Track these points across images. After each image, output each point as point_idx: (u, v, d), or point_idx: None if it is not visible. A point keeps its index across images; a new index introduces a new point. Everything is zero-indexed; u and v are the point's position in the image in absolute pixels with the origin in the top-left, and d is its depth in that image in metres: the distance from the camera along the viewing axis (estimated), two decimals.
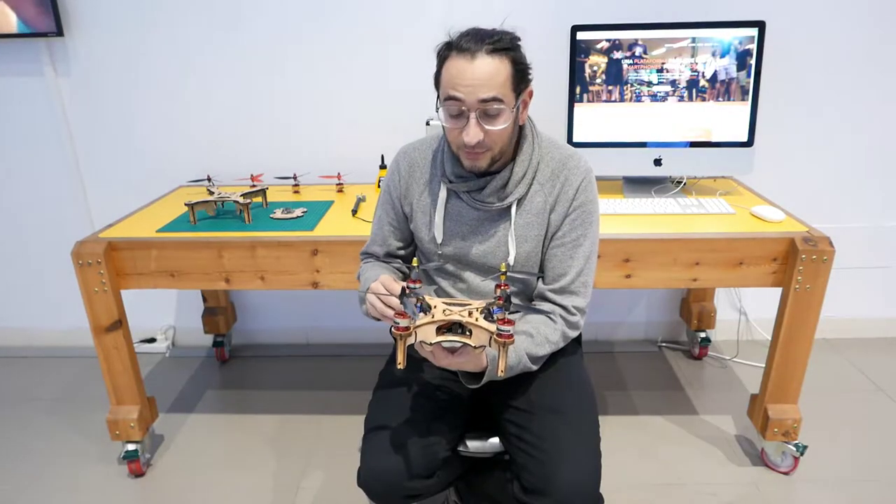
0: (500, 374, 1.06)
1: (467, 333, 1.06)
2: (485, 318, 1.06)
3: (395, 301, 1.12)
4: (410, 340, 1.06)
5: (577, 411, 1.27)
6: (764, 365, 1.77)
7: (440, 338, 1.05)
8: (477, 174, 1.26)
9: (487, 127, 1.15)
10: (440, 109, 1.18)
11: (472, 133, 1.14)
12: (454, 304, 1.11)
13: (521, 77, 1.17)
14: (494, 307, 1.05)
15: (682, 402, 2.14)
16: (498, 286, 1.06)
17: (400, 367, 1.06)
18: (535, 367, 1.26)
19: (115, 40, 2.15)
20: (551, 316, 1.27)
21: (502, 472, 1.35)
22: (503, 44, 1.13)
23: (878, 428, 1.99)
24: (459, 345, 1.07)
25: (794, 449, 1.76)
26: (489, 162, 1.21)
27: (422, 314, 1.08)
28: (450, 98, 1.14)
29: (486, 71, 1.11)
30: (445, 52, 1.15)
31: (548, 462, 1.17)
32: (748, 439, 1.95)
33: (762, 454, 1.86)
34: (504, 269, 1.07)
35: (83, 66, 2.18)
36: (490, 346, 1.05)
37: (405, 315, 1.04)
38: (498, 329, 1.03)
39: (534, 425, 1.23)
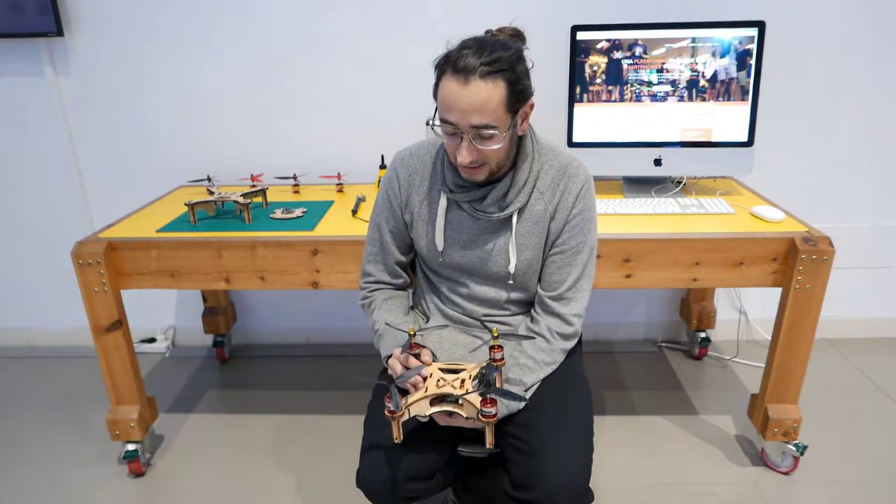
0: (488, 446, 1.13)
1: (460, 402, 1.14)
2: (479, 381, 1.13)
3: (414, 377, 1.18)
4: (405, 418, 1.15)
5: (570, 408, 1.28)
6: (764, 365, 1.77)
7: (434, 409, 1.14)
8: (477, 184, 1.27)
9: (481, 147, 1.15)
10: (438, 121, 1.18)
11: (465, 154, 1.15)
12: (449, 371, 1.19)
13: (517, 97, 1.14)
14: (493, 367, 1.13)
15: (682, 402, 2.14)
16: (492, 349, 1.13)
17: (397, 441, 1.16)
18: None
19: (115, 40, 2.15)
20: (547, 337, 1.30)
21: (496, 469, 1.36)
22: (500, 65, 1.09)
23: (878, 428, 1.98)
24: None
25: (794, 449, 1.75)
26: (487, 175, 1.22)
27: (406, 396, 1.16)
28: (443, 120, 1.14)
29: (478, 98, 1.09)
30: (444, 65, 1.13)
31: (535, 456, 1.18)
32: (748, 439, 1.95)
33: (762, 454, 1.86)
34: (496, 335, 1.14)
35: (83, 66, 2.18)
36: (477, 419, 1.11)
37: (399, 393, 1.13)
38: (481, 411, 1.09)
39: (524, 420, 1.24)
